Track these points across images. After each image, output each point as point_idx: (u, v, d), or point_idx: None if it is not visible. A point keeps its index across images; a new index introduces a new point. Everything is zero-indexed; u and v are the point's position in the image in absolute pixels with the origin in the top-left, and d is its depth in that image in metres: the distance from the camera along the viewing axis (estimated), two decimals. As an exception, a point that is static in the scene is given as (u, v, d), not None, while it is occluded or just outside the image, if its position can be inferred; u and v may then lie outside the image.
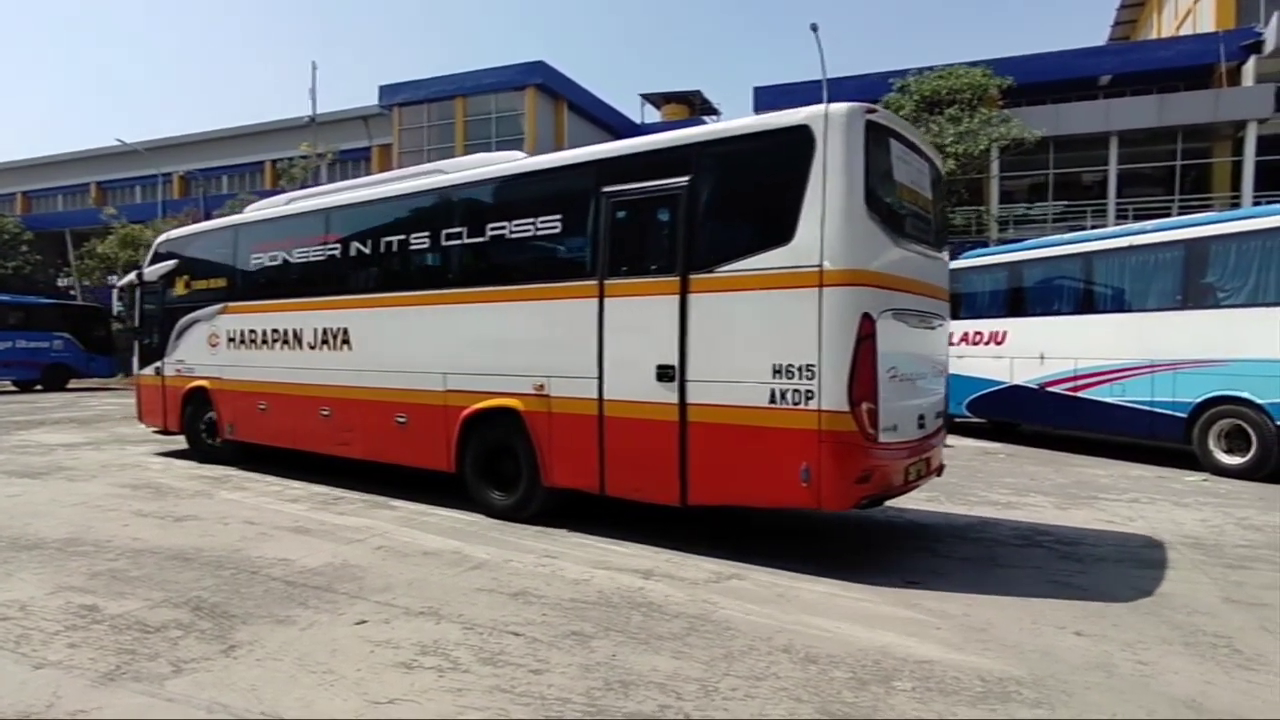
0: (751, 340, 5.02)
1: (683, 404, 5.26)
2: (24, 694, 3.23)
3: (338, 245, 7.81)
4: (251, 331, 8.72)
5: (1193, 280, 9.16)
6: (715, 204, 5.38)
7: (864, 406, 4.72)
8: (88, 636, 3.86)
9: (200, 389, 9.46)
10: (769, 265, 4.93)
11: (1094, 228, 20.62)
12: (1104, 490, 8.04)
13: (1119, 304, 10.15)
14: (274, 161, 38.27)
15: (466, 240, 6.67)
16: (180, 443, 11.17)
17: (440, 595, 4.50)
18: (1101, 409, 10.06)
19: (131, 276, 10.99)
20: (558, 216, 6.10)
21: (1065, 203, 25.14)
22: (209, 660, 3.57)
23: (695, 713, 3.07)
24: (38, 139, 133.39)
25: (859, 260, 4.74)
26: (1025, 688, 3.31)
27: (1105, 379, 9.98)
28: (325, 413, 7.85)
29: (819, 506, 4.83)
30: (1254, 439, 8.46)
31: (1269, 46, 22.52)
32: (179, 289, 9.91)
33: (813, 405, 4.73)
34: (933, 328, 5.80)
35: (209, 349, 9.29)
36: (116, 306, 11.76)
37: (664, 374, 5.33)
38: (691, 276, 5.25)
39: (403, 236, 7.18)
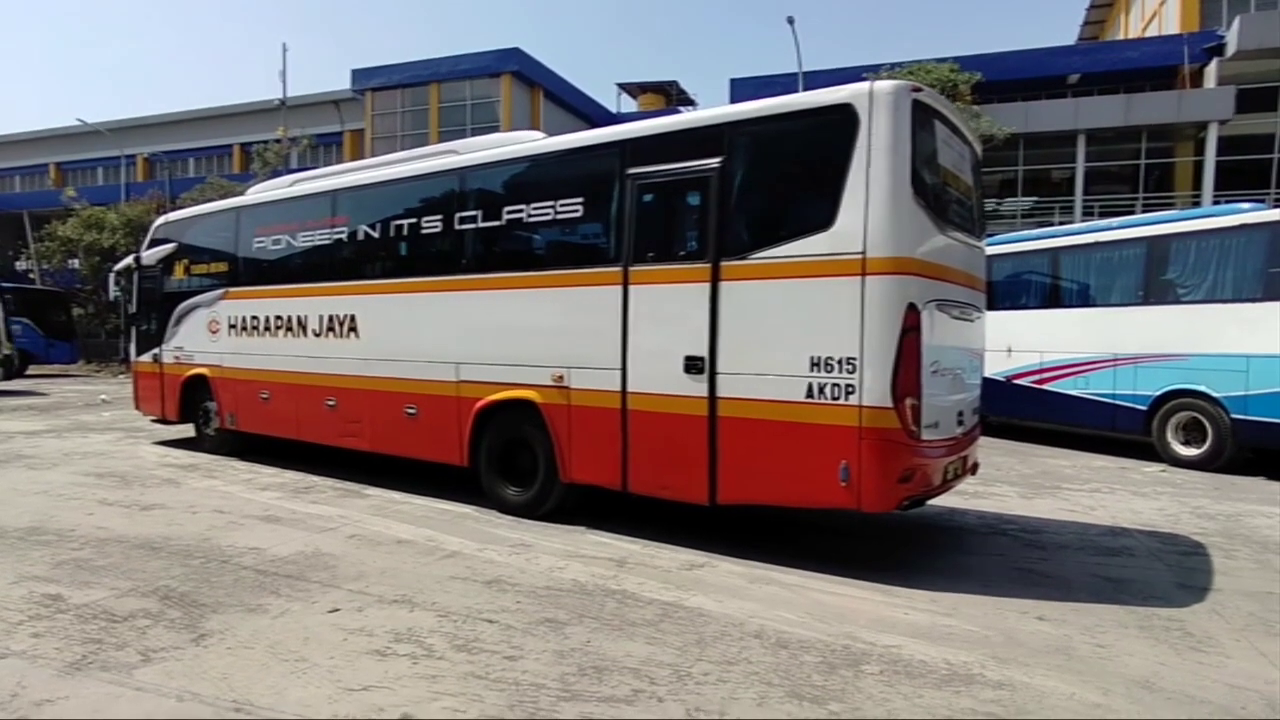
0: (787, 331, 4.78)
1: (712, 397, 5.03)
2: (-13, 684, 3.17)
3: (345, 229, 7.55)
4: (254, 318, 8.47)
5: (1154, 277, 9.40)
6: (749, 187, 5.15)
7: (907, 402, 4.51)
8: (52, 626, 3.80)
9: (200, 377, 9.20)
10: (807, 252, 4.69)
11: (1061, 224, 21.02)
12: (1067, 480, 8.24)
13: (1084, 299, 10.38)
14: (243, 145, 37.53)
15: (481, 224, 6.40)
16: (147, 430, 11.01)
17: (414, 583, 4.50)
18: (1066, 401, 10.29)
19: (129, 260, 10.64)
20: (579, 199, 5.85)
21: (1034, 199, 25.60)
22: (179, 649, 3.54)
23: (668, 697, 3.11)
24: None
25: (904, 248, 4.50)
26: (989, 670, 3.40)
27: (1069, 372, 10.22)
28: (331, 403, 7.60)
29: (858, 507, 4.59)
30: (1209, 431, 8.72)
31: (1230, 49, 23.03)
32: (178, 273, 9.62)
33: (853, 400, 4.50)
34: (971, 320, 5.59)
35: (209, 336, 9.02)
36: (113, 291, 11.28)
37: (693, 366, 5.09)
38: (723, 264, 5.00)
39: (413, 220, 6.92)
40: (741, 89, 26.89)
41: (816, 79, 23.17)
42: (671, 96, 38.23)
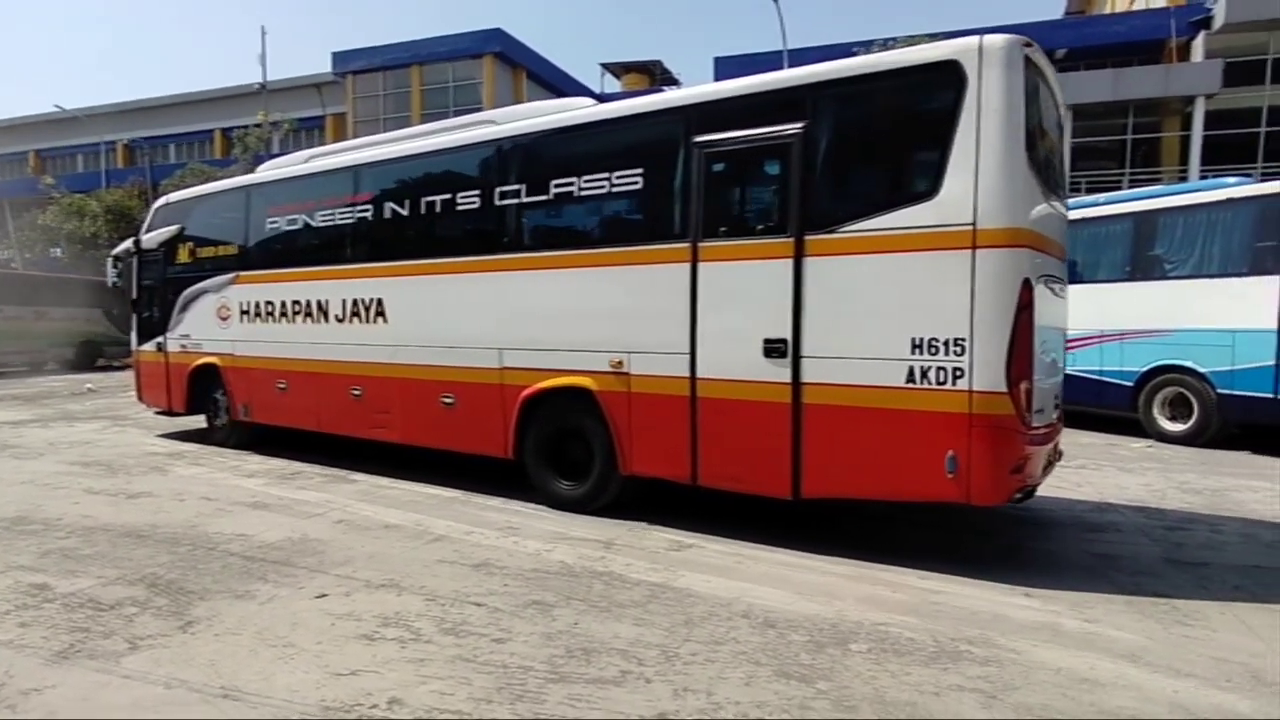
0: (884, 311, 4.43)
1: (796, 383, 4.70)
2: (-29, 675, 3.15)
3: (370, 207, 7.10)
4: (269, 303, 8.06)
5: (1140, 252, 9.41)
6: (838, 154, 4.76)
7: (1022, 386, 4.19)
8: (39, 615, 3.78)
9: (209, 366, 8.87)
10: (907, 224, 4.33)
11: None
12: (1054, 457, 8.27)
13: (1070, 276, 10.36)
14: (224, 130, 37.09)
15: (526, 199, 5.98)
16: (134, 418, 10.92)
17: (402, 568, 4.49)
18: (1053, 378, 10.33)
19: (128, 244, 10.17)
20: (638, 171, 5.41)
21: (1022, 176, 25.52)
22: (166, 637, 3.52)
23: (656, 677, 3.12)
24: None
25: (1019, 217, 4.16)
26: (976, 646, 3.42)
27: (1057, 349, 10.24)
28: (356, 392, 7.22)
29: (968, 501, 4.25)
30: (1195, 406, 8.78)
31: (1218, 22, 23.02)
32: (182, 257, 9.18)
33: (962, 385, 4.17)
34: (1062, 296, 5.27)
35: (219, 323, 8.65)
36: (110, 276, 10.82)
37: (773, 349, 4.74)
38: (808, 238, 4.63)
39: (447, 196, 6.49)
40: (726, 67, 26.73)
41: (803, 56, 23.07)
42: (655, 76, 38.03)
